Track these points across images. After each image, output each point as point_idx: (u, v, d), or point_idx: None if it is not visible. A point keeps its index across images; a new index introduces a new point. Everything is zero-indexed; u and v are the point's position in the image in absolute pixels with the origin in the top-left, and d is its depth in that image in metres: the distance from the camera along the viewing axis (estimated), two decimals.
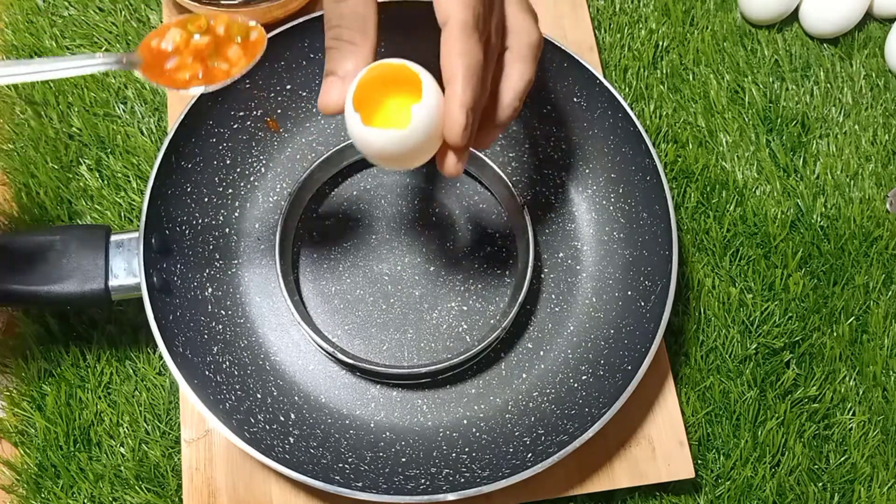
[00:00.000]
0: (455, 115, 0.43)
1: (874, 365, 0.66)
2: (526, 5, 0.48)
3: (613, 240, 0.65)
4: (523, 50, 0.48)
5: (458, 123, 0.43)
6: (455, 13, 0.43)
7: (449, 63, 0.43)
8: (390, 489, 0.55)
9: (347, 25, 0.45)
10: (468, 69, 0.43)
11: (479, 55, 0.43)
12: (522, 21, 0.48)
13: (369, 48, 0.45)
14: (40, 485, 0.60)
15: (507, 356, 0.63)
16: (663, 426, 0.62)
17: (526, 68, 0.48)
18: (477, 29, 0.43)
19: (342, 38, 0.45)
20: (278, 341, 0.63)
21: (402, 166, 0.50)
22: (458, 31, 0.43)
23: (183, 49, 0.46)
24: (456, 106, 0.43)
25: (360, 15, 0.45)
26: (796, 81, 0.74)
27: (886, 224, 0.70)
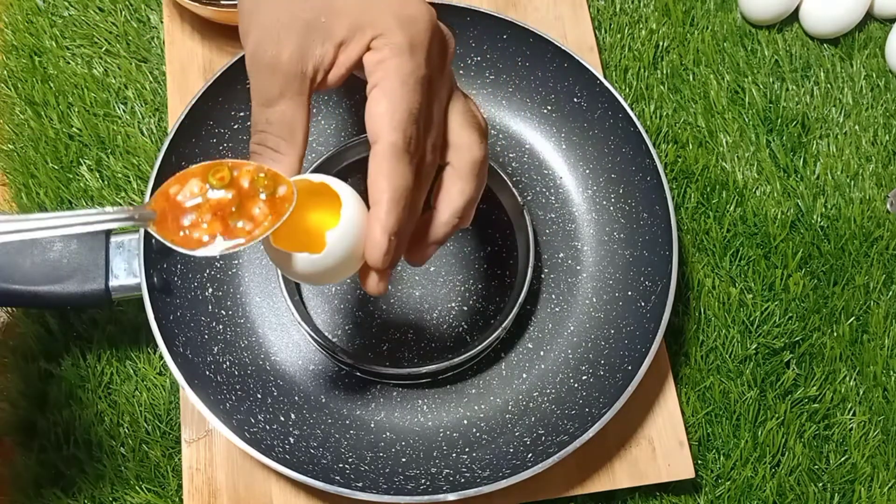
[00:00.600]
0: (377, 239, 0.41)
1: (874, 365, 0.66)
2: (471, 120, 0.46)
3: (614, 240, 0.65)
4: (464, 168, 0.45)
5: (380, 248, 0.41)
6: (385, 135, 0.41)
7: (375, 185, 0.41)
8: (390, 489, 0.55)
9: (273, 132, 0.43)
10: (394, 193, 0.41)
11: (408, 179, 0.41)
12: (466, 137, 0.45)
13: (295, 159, 0.43)
14: (40, 485, 0.60)
15: (507, 356, 0.63)
16: (663, 426, 0.62)
17: (466, 186, 0.45)
18: (408, 151, 0.41)
19: (267, 144, 0.43)
20: (278, 341, 0.63)
21: (317, 284, 0.48)
22: (388, 153, 0.41)
23: (202, 204, 0.41)
24: (378, 230, 0.41)
25: (287, 123, 0.43)
26: (796, 82, 0.74)
27: (887, 224, 0.70)
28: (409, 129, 0.41)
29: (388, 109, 0.41)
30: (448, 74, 0.45)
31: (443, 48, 0.44)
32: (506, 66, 0.67)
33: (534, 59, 0.66)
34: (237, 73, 0.63)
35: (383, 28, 0.42)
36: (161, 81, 0.71)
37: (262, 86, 0.42)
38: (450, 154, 0.45)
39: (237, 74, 0.63)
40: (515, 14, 0.72)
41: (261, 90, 0.43)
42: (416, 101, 0.42)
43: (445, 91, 0.45)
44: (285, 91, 0.42)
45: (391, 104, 0.41)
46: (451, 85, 0.46)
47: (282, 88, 0.42)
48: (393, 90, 0.41)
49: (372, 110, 0.42)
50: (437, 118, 0.44)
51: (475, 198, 0.46)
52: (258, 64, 0.42)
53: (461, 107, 0.46)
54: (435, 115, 0.44)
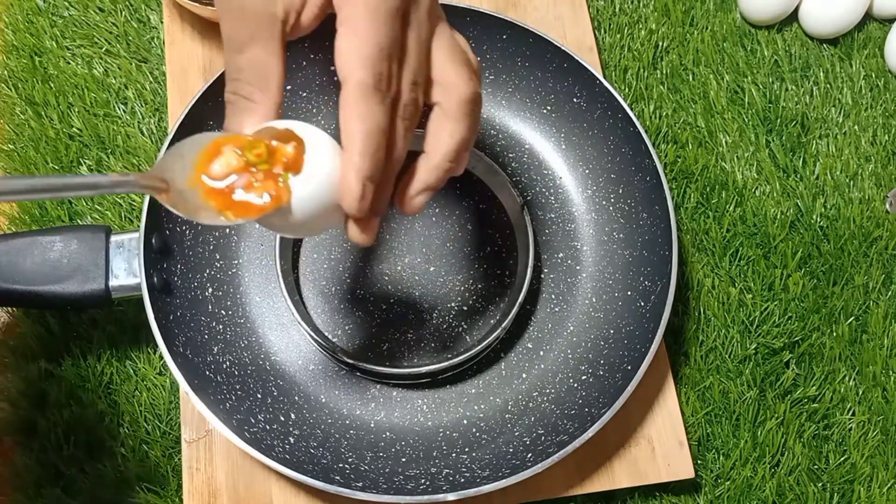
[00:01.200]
0: (350, 183, 0.39)
1: (874, 365, 0.66)
2: (459, 56, 0.43)
3: (613, 240, 0.65)
4: (453, 107, 0.42)
5: (353, 193, 0.39)
6: (353, 73, 0.38)
7: (346, 128, 0.39)
8: (390, 489, 0.55)
9: (246, 80, 0.41)
10: (366, 135, 0.38)
11: (380, 119, 0.39)
12: (453, 74, 0.42)
13: (270, 106, 0.41)
14: (40, 485, 0.60)
15: (507, 356, 0.63)
16: (663, 426, 0.62)
17: (456, 127, 0.42)
18: (379, 89, 0.39)
19: (240, 92, 0.41)
20: (278, 341, 0.63)
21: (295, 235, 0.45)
22: (357, 92, 0.38)
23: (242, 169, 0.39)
24: (352, 174, 0.38)
25: (259, 68, 0.40)
26: (796, 82, 0.74)
27: (886, 224, 0.70)
28: (378, 65, 0.39)
29: (355, 45, 0.39)
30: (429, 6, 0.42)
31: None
32: (506, 66, 0.67)
33: (533, 59, 0.66)
34: None
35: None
36: (161, 81, 0.71)
37: (232, 31, 0.40)
38: (437, 93, 0.42)
39: None
40: (515, 14, 0.72)
41: (231, 36, 0.40)
42: (386, 35, 0.39)
43: (427, 24, 0.42)
44: (256, 35, 0.40)
45: (358, 39, 0.38)
46: (436, 17, 0.43)
47: (252, 32, 0.40)
48: (360, 24, 0.39)
49: (339, 47, 0.39)
50: (415, 53, 0.41)
51: (468, 139, 0.43)
52: (227, 7, 0.40)
53: (447, 41, 0.43)
54: (412, 50, 0.41)
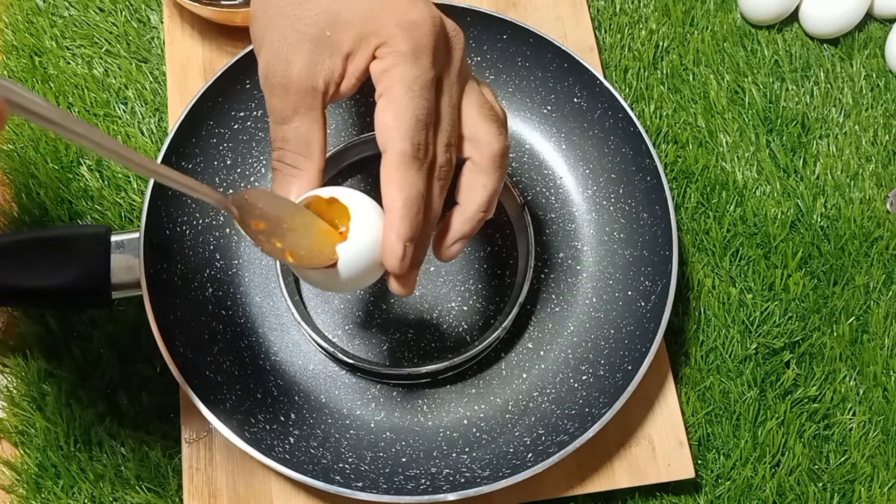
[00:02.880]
0: (392, 245, 0.42)
1: (874, 365, 0.66)
2: (488, 112, 0.46)
3: (614, 240, 0.65)
4: (485, 162, 0.46)
5: (396, 255, 0.42)
6: (393, 144, 0.42)
7: (387, 194, 0.42)
8: (390, 489, 0.55)
9: (291, 149, 0.44)
10: (406, 201, 0.42)
11: (419, 185, 0.42)
12: (484, 131, 0.46)
13: (314, 172, 0.44)
14: (40, 485, 0.60)
15: (507, 356, 0.63)
16: (663, 426, 0.62)
17: (488, 179, 0.46)
18: (417, 158, 0.42)
19: (285, 160, 0.44)
20: (278, 341, 0.63)
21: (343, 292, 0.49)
22: (397, 162, 0.41)
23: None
24: (393, 237, 0.42)
25: (303, 138, 0.44)
26: (796, 82, 0.74)
27: (887, 224, 0.70)
28: (417, 135, 0.42)
29: (394, 118, 0.41)
30: (458, 70, 0.45)
31: (448, 46, 0.45)
32: (506, 66, 0.67)
33: (534, 59, 0.66)
34: (237, 73, 0.63)
35: (386, 36, 0.42)
36: (161, 81, 0.71)
37: (277, 104, 0.43)
38: (469, 148, 0.46)
39: (237, 74, 0.63)
40: (515, 14, 0.72)
41: (275, 109, 0.44)
42: (422, 107, 0.42)
43: (457, 86, 0.45)
44: (298, 107, 0.43)
45: (397, 113, 0.41)
46: (465, 78, 0.46)
47: (295, 105, 0.43)
48: (398, 98, 0.42)
49: (379, 120, 0.42)
50: (448, 117, 0.44)
51: (498, 189, 0.46)
52: (270, 84, 0.43)
53: (477, 99, 0.46)
54: (446, 115, 0.44)
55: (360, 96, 0.68)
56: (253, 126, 0.66)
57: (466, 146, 0.46)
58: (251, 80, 0.64)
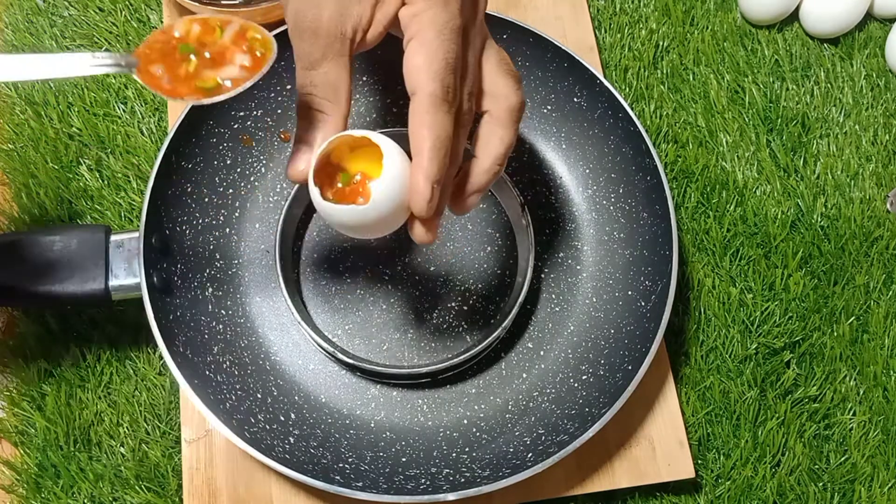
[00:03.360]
0: (420, 187, 0.43)
1: (875, 365, 0.66)
2: (506, 68, 0.47)
3: (614, 240, 0.65)
4: (503, 115, 0.47)
5: (423, 196, 0.43)
6: (423, 85, 0.42)
7: (417, 135, 0.43)
8: (390, 489, 0.55)
9: (318, 94, 0.45)
10: (435, 142, 0.42)
11: (447, 127, 0.43)
12: (502, 85, 0.47)
13: (340, 118, 0.45)
14: (40, 485, 0.60)
15: (507, 356, 0.63)
16: (663, 426, 0.62)
17: (506, 133, 0.47)
18: (446, 100, 0.43)
19: (313, 105, 0.45)
20: (278, 341, 0.63)
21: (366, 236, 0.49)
22: (427, 103, 0.42)
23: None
24: (421, 178, 0.43)
25: (331, 83, 0.44)
26: (796, 81, 0.74)
27: (887, 224, 0.70)
28: (446, 78, 0.42)
29: (425, 60, 0.42)
30: (481, 24, 0.46)
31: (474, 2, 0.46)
32: None
33: (534, 59, 0.66)
34: None
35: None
36: None
37: (305, 50, 0.44)
38: (487, 102, 0.47)
39: None
40: (515, 14, 0.72)
41: (303, 54, 0.44)
42: (452, 51, 0.43)
43: (479, 40, 0.46)
44: (327, 53, 0.44)
45: (428, 55, 0.42)
46: (485, 34, 0.47)
47: (324, 51, 0.44)
48: (429, 41, 0.42)
49: (410, 63, 0.43)
50: (472, 67, 0.45)
51: (513, 143, 0.47)
52: (299, 29, 0.44)
53: (495, 55, 0.47)
54: (470, 64, 0.45)
55: (360, 96, 0.68)
56: (253, 126, 0.66)
57: (485, 100, 0.47)
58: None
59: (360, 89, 0.68)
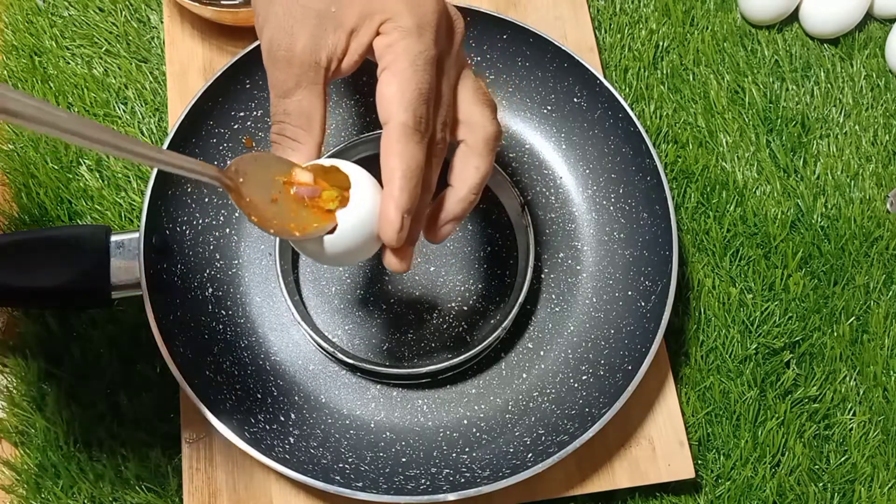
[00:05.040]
0: (390, 216, 0.42)
1: (875, 365, 0.66)
2: (481, 97, 0.47)
3: (614, 240, 0.65)
4: (479, 145, 0.46)
5: (394, 227, 0.42)
6: (395, 115, 0.42)
7: (387, 165, 0.42)
8: (390, 489, 0.55)
9: (292, 122, 0.45)
10: (406, 171, 0.42)
11: (419, 157, 0.43)
12: (478, 114, 0.46)
13: (313, 146, 0.45)
14: (40, 485, 0.60)
15: (507, 356, 0.63)
16: (663, 426, 0.62)
17: (481, 162, 0.47)
18: (418, 130, 0.42)
19: (285, 133, 0.45)
20: (278, 341, 0.63)
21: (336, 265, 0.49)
22: (399, 132, 0.42)
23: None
24: (391, 208, 0.42)
25: (304, 112, 0.44)
26: (796, 82, 0.74)
27: (887, 224, 0.70)
28: (419, 108, 0.42)
29: (398, 90, 0.42)
30: (457, 54, 0.46)
31: (450, 28, 0.46)
32: (506, 66, 0.67)
33: (534, 59, 0.66)
34: (237, 73, 0.63)
35: (392, 12, 0.43)
36: (161, 81, 0.71)
37: (279, 78, 0.44)
38: (462, 132, 0.47)
39: (237, 74, 0.63)
40: (515, 14, 0.72)
41: (277, 82, 0.44)
42: (425, 81, 0.43)
43: (455, 70, 0.46)
44: (301, 81, 0.44)
45: (401, 85, 0.42)
46: (462, 64, 0.47)
47: (297, 79, 0.43)
48: (402, 71, 0.42)
49: (382, 91, 0.43)
50: (446, 97, 0.45)
51: (489, 173, 0.47)
52: (273, 57, 0.44)
53: (471, 84, 0.47)
54: (445, 94, 0.45)
55: (360, 96, 0.68)
56: (253, 126, 0.66)
57: (461, 129, 0.47)
58: (251, 80, 0.64)
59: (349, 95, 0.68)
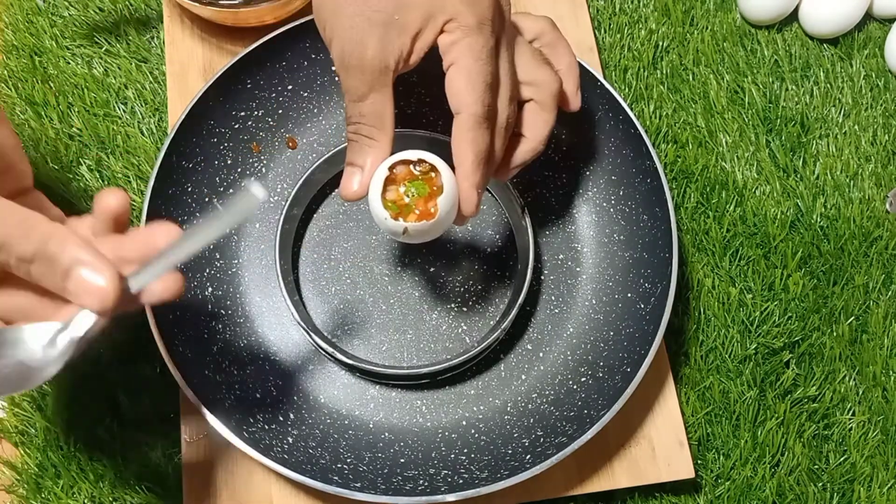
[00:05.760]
0: (468, 193, 0.49)
1: (874, 365, 0.66)
2: (538, 58, 0.52)
3: (613, 242, 0.65)
4: (546, 100, 0.52)
5: (472, 201, 0.49)
6: (466, 107, 0.48)
7: (460, 150, 0.48)
8: (389, 490, 0.55)
9: (367, 122, 0.49)
10: (477, 155, 0.48)
11: (487, 140, 0.49)
12: (542, 74, 0.52)
13: (386, 143, 0.50)
14: (40, 485, 0.61)
15: (506, 357, 0.63)
16: (663, 426, 0.62)
17: (549, 115, 0.53)
18: (486, 118, 0.48)
19: (361, 132, 0.50)
20: (278, 341, 0.63)
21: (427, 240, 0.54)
22: (470, 122, 0.48)
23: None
24: (468, 186, 0.49)
25: (377, 113, 0.49)
26: (796, 82, 0.74)
27: (886, 224, 0.70)
28: (486, 98, 0.48)
29: (466, 83, 0.47)
30: (509, 28, 0.51)
31: (502, 14, 0.50)
32: None
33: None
34: (237, 73, 0.63)
35: (452, 12, 0.47)
36: (161, 81, 0.71)
37: (353, 84, 0.49)
38: (529, 91, 0.52)
39: (237, 74, 0.63)
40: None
41: (351, 88, 0.49)
42: (488, 73, 0.48)
43: (511, 44, 0.51)
44: (373, 86, 0.48)
45: (468, 79, 0.47)
46: (514, 34, 0.52)
47: (370, 84, 0.48)
48: (468, 66, 0.47)
49: (452, 86, 0.48)
50: (508, 74, 0.50)
51: (555, 123, 0.53)
52: (346, 66, 0.48)
53: (526, 49, 0.52)
54: (505, 72, 0.50)
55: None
56: (254, 126, 0.66)
57: (527, 90, 0.52)
58: (251, 80, 0.64)
59: None
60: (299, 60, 0.65)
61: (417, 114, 0.67)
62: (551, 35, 0.55)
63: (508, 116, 0.50)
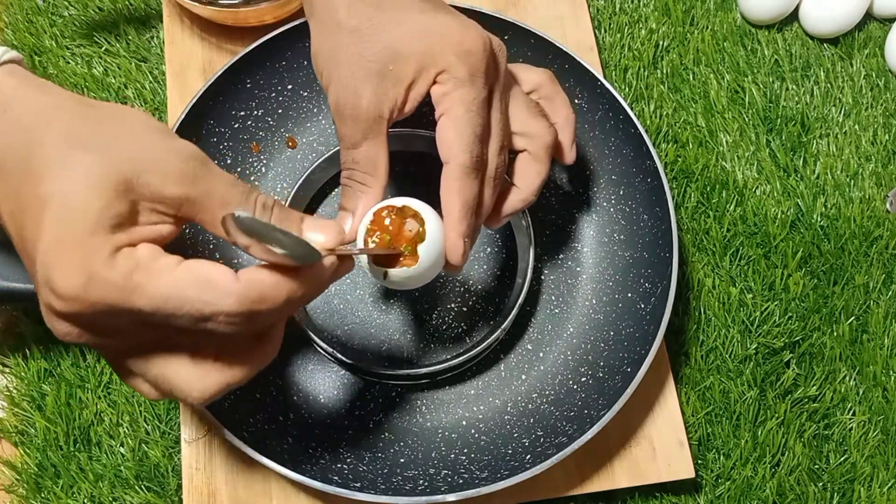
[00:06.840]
0: (454, 243, 0.49)
1: (874, 365, 0.66)
2: (534, 110, 0.53)
3: (614, 241, 0.65)
4: (539, 152, 0.53)
5: (458, 251, 0.49)
6: (454, 157, 0.48)
7: (448, 199, 0.48)
8: (388, 489, 0.55)
9: (360, 169, 0.50)
10: (465, 204, 0.48)
11: (475, 190, 0.49)
12: (537, 125, 0.52)
13: (379, 189, 0.50)
14: (40, 485, 0.61)
15: (506, 357, 0.63)
16: (663, 426, 0.62)
17: (542, 168, 0.53)
18: (475, 168, 0.48)
19: (355, 178, 0.50)
20: None
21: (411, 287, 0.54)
22: (459, 172, 0.48)
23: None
24: (454, 236, 0.48)
25: (371, 160, 0.49)
26: (796, 81, 0.74)
27: (886, 224, 0.70)
28: (475, 149, 0.48)
29: (455, 134, 0.48)
30: (505, 78, 0.51)
31: (496, 64, 0.50)
32: None
33: (534, 59, 0.66)
34: (237, 72, 0.63)
35: (445, 65, 0.48)
36: (161, 81, 0.71)
37: (347, 132, 0.49)
38: (522, 142, 0.53)
39: (237, 74, 0.63)
40: (515, 14, 0.72)
41: (346, 136, 0.49)
42: (479, 124, 0.48)
43: (505, 93, 0.51)
44: (367, 134, 0.49)
45: (458, 129, 0.48)
46: (509, 85, 0.52)
47: (364, 133, 0.49)
48: (459, 118, 0.48)
49: (442, 136, 0.48)
50: (499, 124, 0.50)
51: (548, 175, 0.54)
52: (341, 114, 0.49)
53: (524, 100, 0.53)
54: (497, 122, 0.50)
55: None
56: (253, 125, 0.66)
57: (520, 140, 0.52)
58: (251, 80, 0.64)
59: None
60: (299, 60, 0.65)
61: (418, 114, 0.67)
62: (550, 87, 0.56)
63: (497, 166, 0.50)
